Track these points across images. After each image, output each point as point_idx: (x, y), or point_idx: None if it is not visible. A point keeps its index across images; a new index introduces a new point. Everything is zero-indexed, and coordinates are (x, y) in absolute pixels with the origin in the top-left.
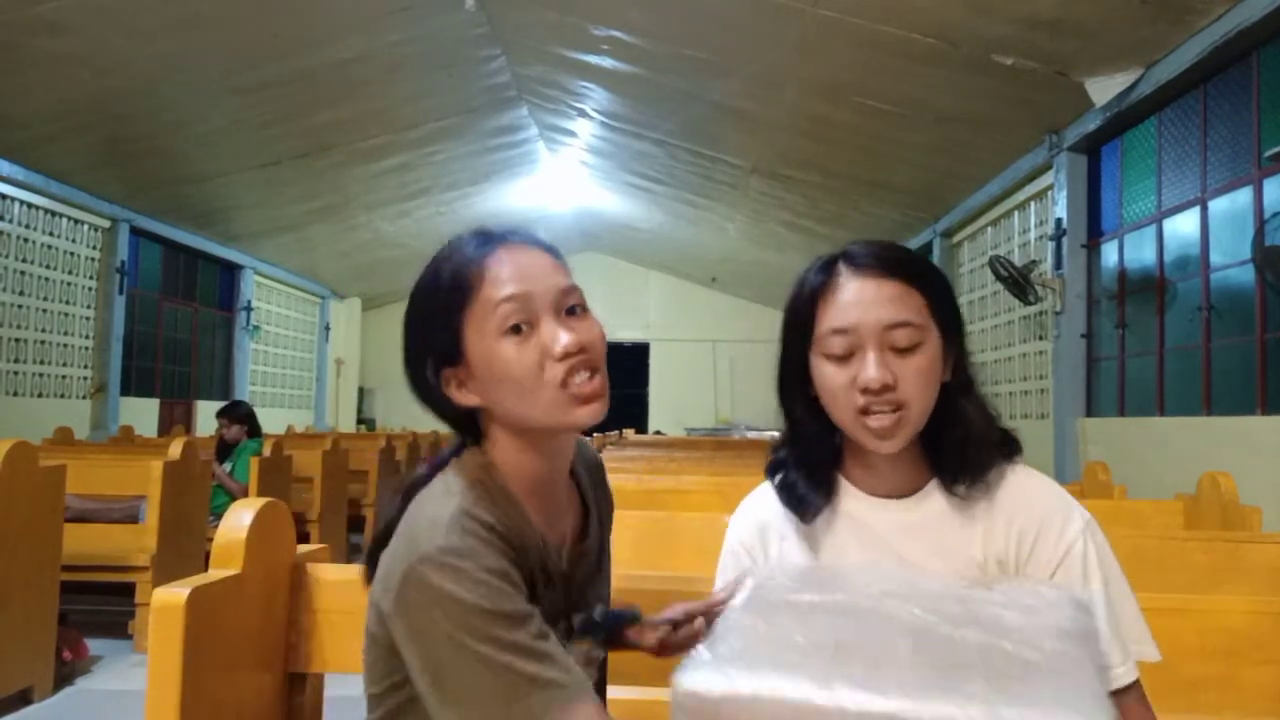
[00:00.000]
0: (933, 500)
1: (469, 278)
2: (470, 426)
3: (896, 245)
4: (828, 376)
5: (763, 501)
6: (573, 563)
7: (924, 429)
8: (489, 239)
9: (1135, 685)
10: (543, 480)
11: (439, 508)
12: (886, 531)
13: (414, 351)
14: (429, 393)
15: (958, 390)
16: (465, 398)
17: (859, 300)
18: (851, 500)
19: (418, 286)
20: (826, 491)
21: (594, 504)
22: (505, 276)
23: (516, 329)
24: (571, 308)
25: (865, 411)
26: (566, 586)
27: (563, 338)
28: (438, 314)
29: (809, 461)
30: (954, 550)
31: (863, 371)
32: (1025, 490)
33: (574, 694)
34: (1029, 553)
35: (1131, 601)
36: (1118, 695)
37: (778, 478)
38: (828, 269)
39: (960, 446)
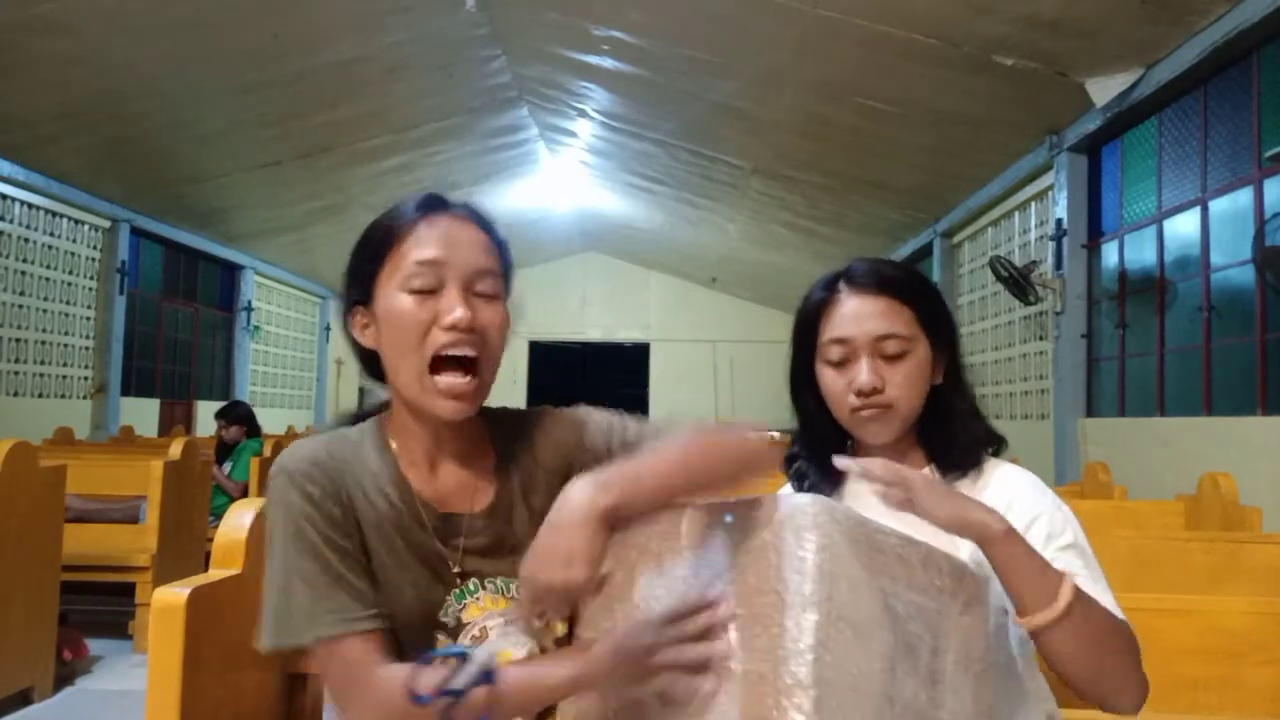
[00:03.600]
0: None
1: (398, 232)
2: (378, 374)
3: (893, 264)
4: (828, 380)
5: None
6: (482, 523)
7: (919, 424)
8: (433, 204)
9: (1066, 613)
10: (427, 438)
11: (318, 434)
12: (880, 513)
13: (344, 286)
14: (346, 327)
15: (948, 391)
16: (364, 338)
17: (854, 315)
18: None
19: (368, 228)
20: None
21: (523, 470)
22: (427, 239)
23: (420, 292)
24: (484, 293)
25: (858, 410)
26: (465, 539)
27: (457, 310)
28: (364, 257)
29: (818, 452)
30: (936, 531)
31: (856, 377)
32: (1006, 479)
33: (340, 630)
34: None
35: (1104, 590)
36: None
37: (792, 468)
38: (830, 286)
39: (950, 442)
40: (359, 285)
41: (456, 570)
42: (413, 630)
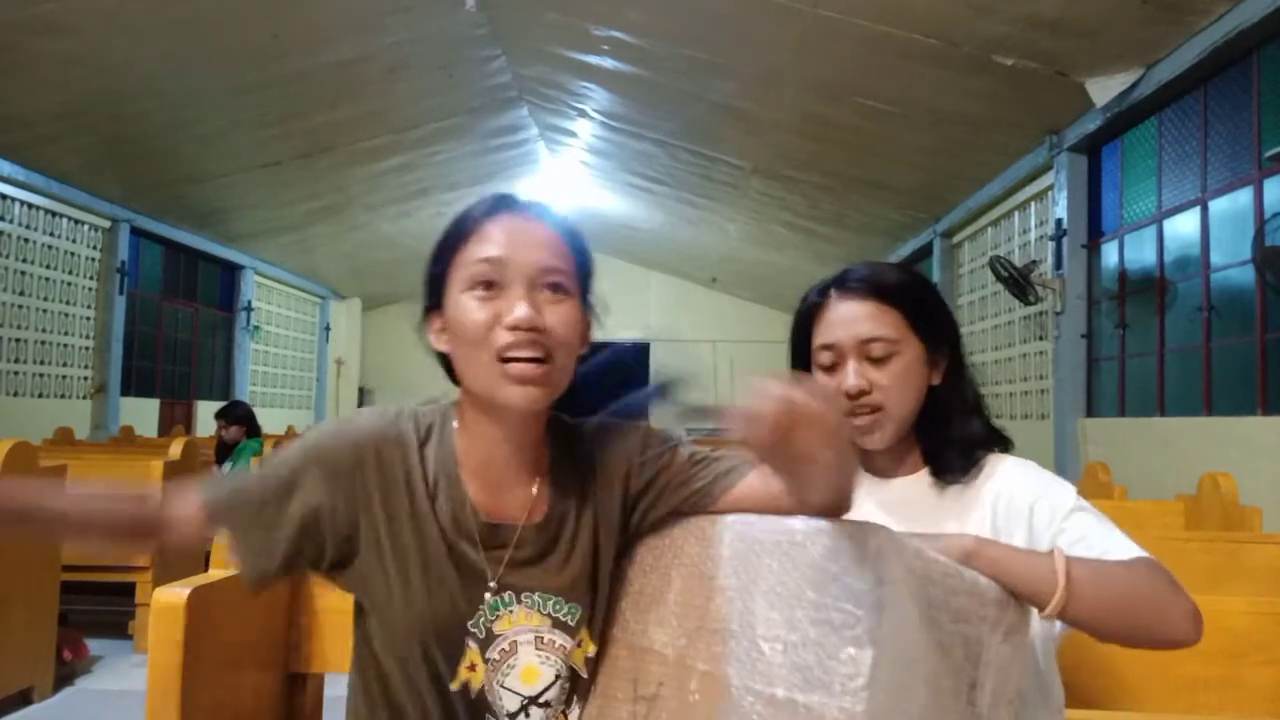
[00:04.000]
0: (918, 484)
1: (465, 232)
2: (454, 375)
3: (891, 267)
4: (821, 385)
5: None
6: (529, 536)
7: (917, 426)
8: (502, 204)
9: (1069, 583)
10: (490, 440)
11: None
12: (874, 508)
13: (426, 282)
14: (423, 332)
15: (946, 392)
16: (439, 342)
17: (842, 319)
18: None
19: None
20: None
21: (580, 486)
22: (492, 238)
23: (485, 286)
24: (552, 286)
25: (851, 414)
26: (504, 547)
27: (519, 309)
28: (435, 259)
29: None
30: (926, 528)
31: (845, 381)
32: (1003, 473)
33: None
34: (1005, 511)
35: (1119, 536)
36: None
37: None
38: (822, 292)
39: (945, 444)
40: (432, 290)
41: (493, 583)
42: (441, 633)
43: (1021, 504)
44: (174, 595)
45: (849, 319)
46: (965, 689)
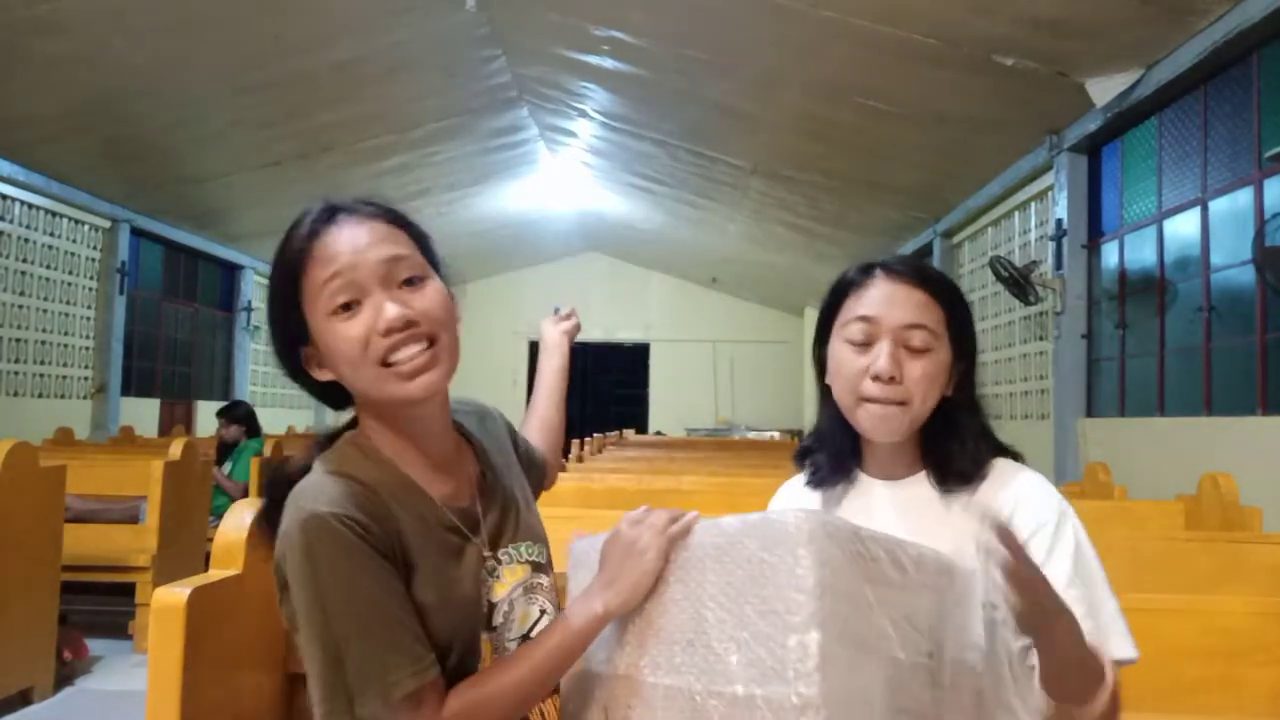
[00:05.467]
0: (919, 487)
1: (301, 259)
2: (341, 398)
3: (930, 265)
4: (844, 361)
5: (794, 482)
6: (484, 505)
7: (923, 431)
8: (323, 215)
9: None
10: (414, 443)
11: (318, 475)
12: (878, 508)
13: (273, 329)
14: (293, 371)
15: (959, 405)
16: (323, 374)
17: (887, 298)
18: (865, 481)
19: (272, 263)
20: (845, 472)
21: (489, 449)
22: (330, 254)
23: (346, 307)
24: (408, 279)
25: (869, 399)
26: (478, 524)
27: (388, 311)
28: (282, 296)
29: (834, 444)
30: (922, 532)
31: (875, 361)
32: (1016, 484)
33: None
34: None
35: (1109, 599)
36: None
37: (806, 460)
38: (866, 270)
39: (949, 457)
40: (290, 326)
41: (488, 554)
42: (461, 633)
43: (1025, 525)
44: (174, 595)
45: (896, 300)
46: (923, 659)
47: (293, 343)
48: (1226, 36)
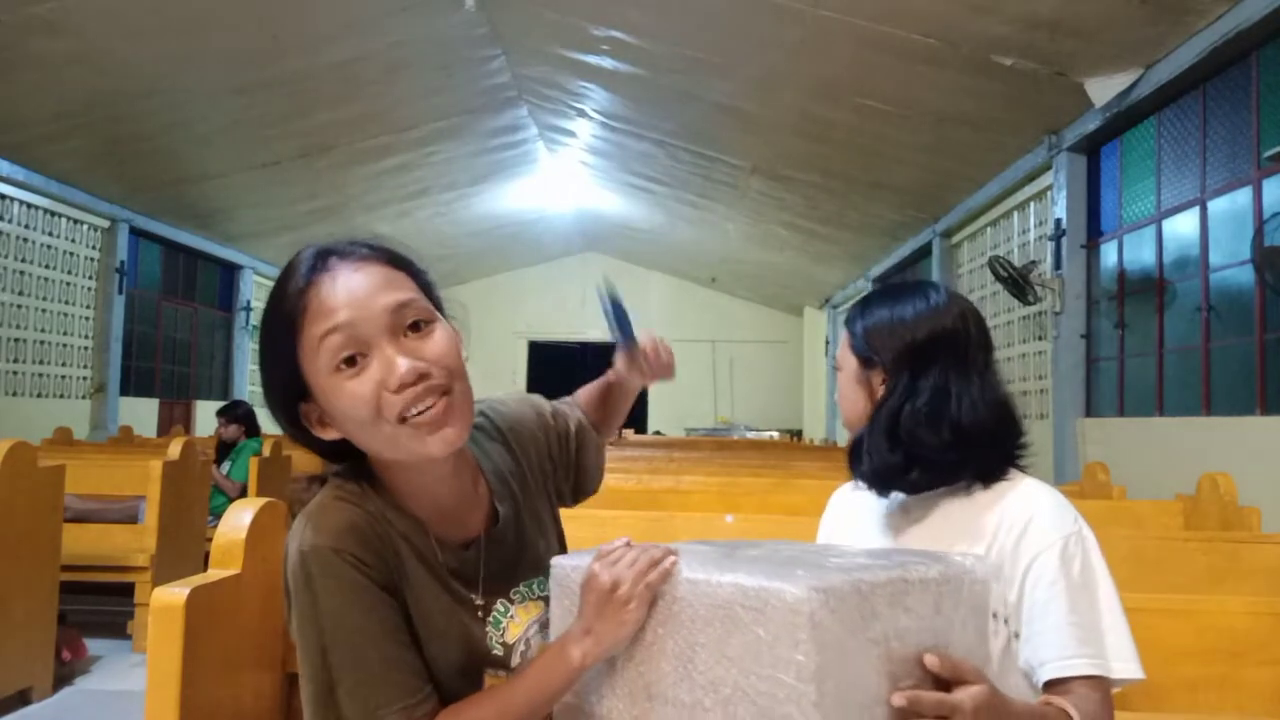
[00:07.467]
0: (933, 501)
1: (295, 313)
2: (347, 451)
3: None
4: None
5: (844, 488)
6: (490, 551)
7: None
8: (316, 262)
9: (1081, 682)
10: (426, 489)
11: (329, 496)
12: (892, 520)
13: (269, 386)
14: (294, 430)
15: (892, 413)
16: (328, 433)
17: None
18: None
19: (262, 316)
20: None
21: (509, 481)
22: (327, 306)
23: (350, 361)
24: (414, 324)
25: None
26: (484, 569)
27: (399, 366)
28: (277, 352)
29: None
30: (928, 541)
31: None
32: (1028, 499)
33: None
34: (1011, 548)
35: (1118, 618)
36: (1052, 686)
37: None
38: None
39: (904, 466)
40: (288, 383)
41: (480, 602)
42: (460, 671)
43: (1029, 549)
44: (174, 595)
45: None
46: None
47: (291, 400)
48: (1225, 37)
